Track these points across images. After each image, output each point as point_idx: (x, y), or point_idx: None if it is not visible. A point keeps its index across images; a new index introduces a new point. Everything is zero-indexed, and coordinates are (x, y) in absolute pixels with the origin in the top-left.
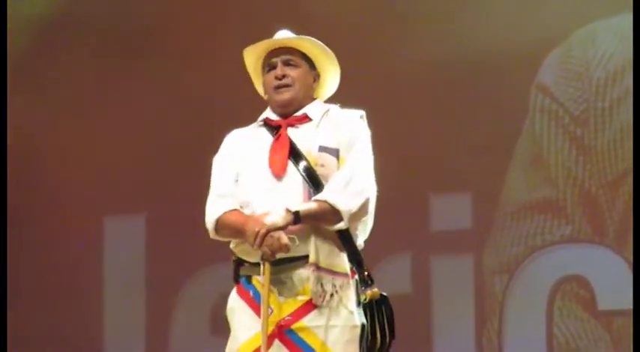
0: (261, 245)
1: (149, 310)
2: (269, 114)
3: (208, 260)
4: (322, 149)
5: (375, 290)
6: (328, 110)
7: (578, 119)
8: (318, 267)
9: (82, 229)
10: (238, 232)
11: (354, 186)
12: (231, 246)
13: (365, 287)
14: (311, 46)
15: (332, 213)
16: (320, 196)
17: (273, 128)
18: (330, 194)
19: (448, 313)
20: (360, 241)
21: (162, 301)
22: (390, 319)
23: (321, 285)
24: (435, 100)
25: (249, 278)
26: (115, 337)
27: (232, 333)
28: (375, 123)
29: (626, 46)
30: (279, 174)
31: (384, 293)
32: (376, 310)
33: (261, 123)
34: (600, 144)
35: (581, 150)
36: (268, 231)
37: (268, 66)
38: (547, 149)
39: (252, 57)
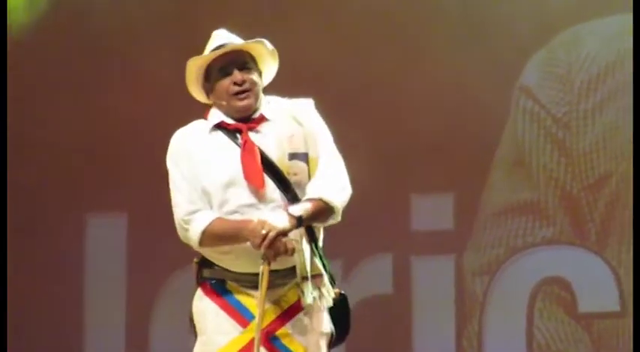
0: (268, 247)
1: (129, 309)
2: (223, 117)
3: (189, 259)
4: (293, 157)
5: (337, 289)
6: (276, 103)
7: (560, 121)
8: (305, 278)
9: (63, 228)
10: (233, 237)
11: (339, 181)
12: (207, 254)
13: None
14: (262, 48)
15: (328, 211)
16: (314, 194)
17: (231, 132)
18: (323, 191)
19: (428, 314)
20: (321, 241)
21: (143, 300)
22: (347, 317)
23: (311, 293)
24: (418, 100)
25: (222, 283)
26: (95, 336)
27: (205, 337)
28: (357, 122)
29: (609, 48)
30: (259, 187)
31: (343, 292)
32: (337, 309)
33: (214, 127)
34: (582, 146)
35: (563, 152)
36: (278, 234)
37: (221, 71)
38: (529, 151)
39: (199, 62)
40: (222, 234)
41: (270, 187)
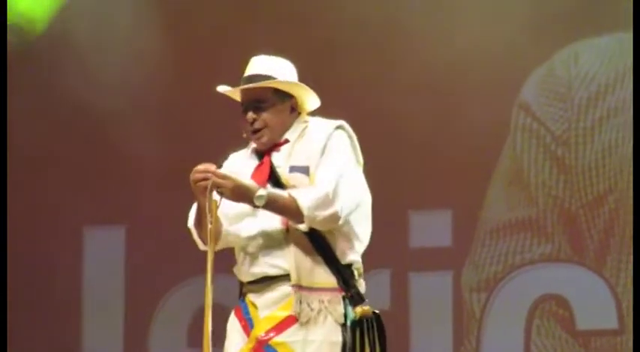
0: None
1: (127, 322)
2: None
3: (187, 273)
4: (292, 169)
5: (366, 307)
6: (306, 127)
7: (560, 139)
8: (300, 287)
9: (61, 239)
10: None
11: (327, 197)
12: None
13: (353, 306)
14: (278, 85)
15: (295, 214)
16: (294, 193)
17: (261, 155)
18: (303, 198)
19: (426, 330)
20: (350, 258)
21: (141, 313)
22: (382, 338)
23: (307, 304)
24: (416, 116)
25: (244, 296)
26: (93, 348)
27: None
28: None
29: (607, 66)
30: None
31: (377, 311)
32: (367, 328)
33: (252, 150)
34: (581, 164)
35: (562, 169)
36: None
37: (242, 106)
38: (528, 168)
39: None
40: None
41: None
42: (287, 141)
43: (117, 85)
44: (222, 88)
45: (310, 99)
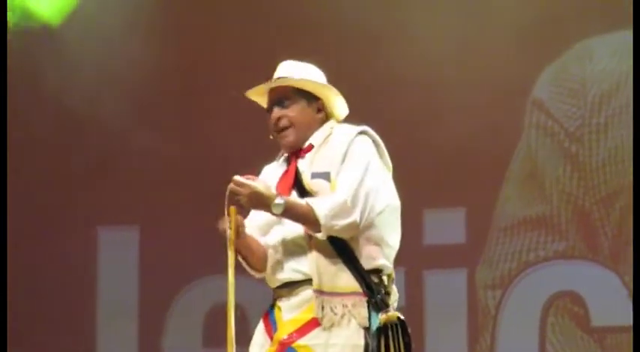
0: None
1: (141, 322)
2: None
3: (201, 272)
4: (314, 175)
5: (391, 313)
6: (330, 133)
7: (573, 135)
8: (322, 292)
9: (75, 239)
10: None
11: (345, 206)
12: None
13: (377, 312)
14: (302, 84)
15: (312, 223)
16: (312, 202)
17: (288, 160)
18: (321, 207)
19: (441, 327)
20: (377, 263)
21: (155, 312)
22: (407, 345)
23: (331, 309)
24: (430, 115)
25: (274, 302)
26: (107, 348)
27: None
28: None
29: (621, 63)
30: None
31: (402, 317)
32: (392, 334)
33: (282, 159)
34: (595, 160)
35: (576, 166)
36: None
37: (268, 106)
38: (542, 165)
39: (256, 95)
40: None
41: None
42: (312, 146)
43: (128, 83)
44: (248, 92)
45: (338, 103)
